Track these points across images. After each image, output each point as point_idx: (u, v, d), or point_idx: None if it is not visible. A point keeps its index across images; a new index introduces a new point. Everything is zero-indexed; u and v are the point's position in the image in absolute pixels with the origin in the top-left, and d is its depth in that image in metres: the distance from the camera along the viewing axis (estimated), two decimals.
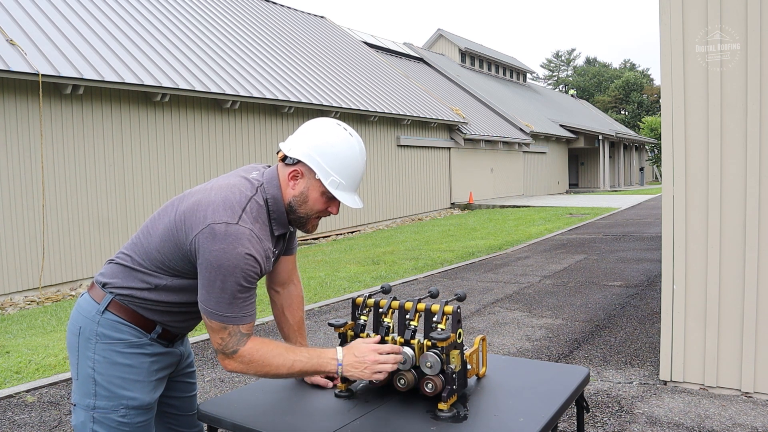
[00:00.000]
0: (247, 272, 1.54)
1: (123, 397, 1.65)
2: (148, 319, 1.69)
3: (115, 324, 1.67)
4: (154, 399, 1.72)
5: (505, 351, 4.54)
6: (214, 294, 1.54)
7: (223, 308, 1.54)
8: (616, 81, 64.61)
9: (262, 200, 1.64)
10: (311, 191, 1.64)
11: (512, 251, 9.73)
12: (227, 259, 1.51)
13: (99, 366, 1.65)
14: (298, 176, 1.64)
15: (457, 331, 1.63)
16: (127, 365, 1.66)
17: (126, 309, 1.68)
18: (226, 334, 1.56)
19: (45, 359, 4.62)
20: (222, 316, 1.55)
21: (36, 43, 8.34)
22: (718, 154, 3.44)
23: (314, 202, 1.66)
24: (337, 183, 1.63)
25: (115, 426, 1.65)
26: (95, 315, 1.68)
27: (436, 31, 30.27)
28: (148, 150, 9.44)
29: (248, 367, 1.58)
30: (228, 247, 1.52)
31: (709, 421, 3.18)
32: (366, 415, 1.59)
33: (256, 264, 1.56)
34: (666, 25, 3.54)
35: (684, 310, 3.61)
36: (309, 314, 5.92)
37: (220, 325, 1.56)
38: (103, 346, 1.66)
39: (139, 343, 1.69)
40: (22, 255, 7.77)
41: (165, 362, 1.77)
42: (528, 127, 23.78)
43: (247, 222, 1.57)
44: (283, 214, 1.68)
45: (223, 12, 14.72)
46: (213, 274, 1.53)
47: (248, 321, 1.58)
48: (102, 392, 1.65)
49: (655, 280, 6.85)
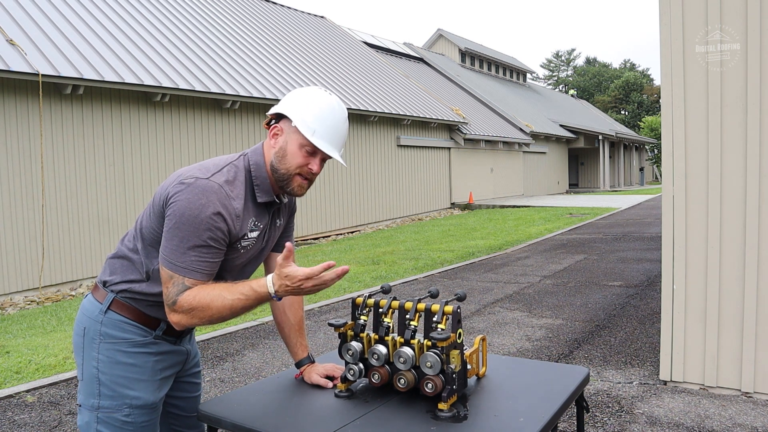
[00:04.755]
0: (210, 226, 1.52)
1: (127, 397, 1.65)
2: (150, 317, 1.69)
3: (118, 323, 1.67)
4: (159, 398, 1.71)
5: (505, 351, 4.54)
6: (172, 242, 1.53)
7: (175, 256, 1.52)
8: (616, 81, 64.60)
9: (243, 166, 1.66)
10: (290, 144, 1.65)
11: (512, 251, 9.73)
12: (190, 209, 1.51)
13: (103, 366, 1.65)
14: (279, 133, 1.67)
15: (457, 331, 1.63)
16: (131, 364, 1.66)
17: (128, 307, 1.68)
18: (171, 284, 1.53)
19: (45, 359, 4.62)
20: (171, 264, 1.53)
21: (36, 43, 8.34)
22: (718, 153, 3.44)
23: (293, 155, 1.64)
24: (313, 129, 1.63)
25: (119, 426, 1.65)
26: (98, 315, 1.68)
27: (436, 31, 30.27)
28: (148, 150, 9.44)
29: (192, 316, 1.53)
30: (193, 197, 1.52)
31: (709, 421, 3.18)
32: (366, 415, 1.59)
33: (220, 220, 1.54)
34: (666, 25, 3.54)
35: (684, 310, 3.61)
36: (309, 314, 5.92)
37: (167, 273, 1.54)
38: (107, 346, 1.66)
39: (144, 341, 1.68)
40: (22, 255, 7.77)
41: (170, 361, 1.76)
42: (528, 127, 23.78)
43: (218, 179, 1.57)
44: (267, 180, 1.67)
45: (223, 12, 14.72)
46: (175, 222, 1.52)
47: (197, 277, 1.54)
48: (106, 392, 1.64)
49: (655, 280, 6.85)
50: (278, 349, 4.80)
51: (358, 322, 1.78)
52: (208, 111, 10.48)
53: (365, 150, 14.77)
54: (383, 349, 1.70)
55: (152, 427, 1.72)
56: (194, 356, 1.92)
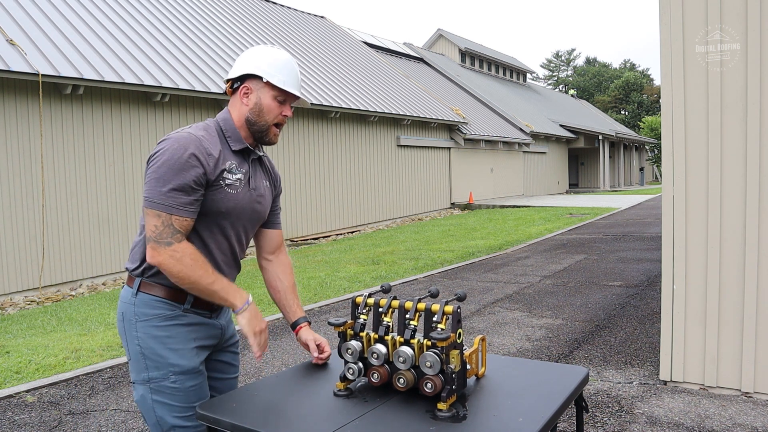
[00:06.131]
0: (187, 166, 1.69)
1: (169, 365, 1.79)
2: (176, 290, 1.80)
3: (149, 302, 1.81)
4: (197, 363, 1.83)
5: (505, 351, 4.54)
6: (151, 183, 1.70)
7: (156, 195, 1.69)
8: (616, 81, 64.59)
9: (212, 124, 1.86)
10: (263, 98, 1.84)
11: (512, 251, 9.73)
12: (165, 153, 1.70)
13: (143, 342, 1.79)
14: (249, 92, 1.85)
15: (457, 331, 1.63)
16: (166, 336, 1.80)
17: (155, 286, 1.81)
18: (159, 222, 1.69)
19: (45, 359, 4.62)
20: (154, 203, 1.69)
21: (36, 43, 8.34)
22: (718, 154, 3.44)
23: (268, 109, 1.85)
24: (283, 80, 1.84)
25: (169, 392, 1.79)
26: (131, 298, 1.83)
27: (436, 31, 30.27)
28: (148, 150, 9.44)
29: (175, 264, 1.69)
30: (169, 145, 1.71)
31: (709, 421, 3.18)
32: (365, 415, 1.59)
33: (194, 160, 1.70)
34: (666, 25, 3.53)
35: (684, 310, 3.61)
36: (309, 314, 5.92)
37: (153, 212, 1.69)
38: (143, 324, 1.80)
39: (174, 315, 1.82)
40: (22, 255, 7.77)
41: (203, 333, 1.88)
42: (528, 127, 23.78)
43: (189, 129, 1.77)
44: (237, 132, 1.86)
45: (223, 12, 14.72)
46: (154, 167, 1.70)
47: (180, 214, 1.70)
48: (151, 364, 1.79)
49: (655, 280, 6.85)
50: (278, 349, 4.80)
51: (357, 321, 1.78)
52: (208, 111, 10.48)
53: (365, 150, 14.77)
54: (383, 349, 1.70)
55: (199, 390, 1.83)
56: (231, 335, 2.02)
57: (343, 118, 13.96)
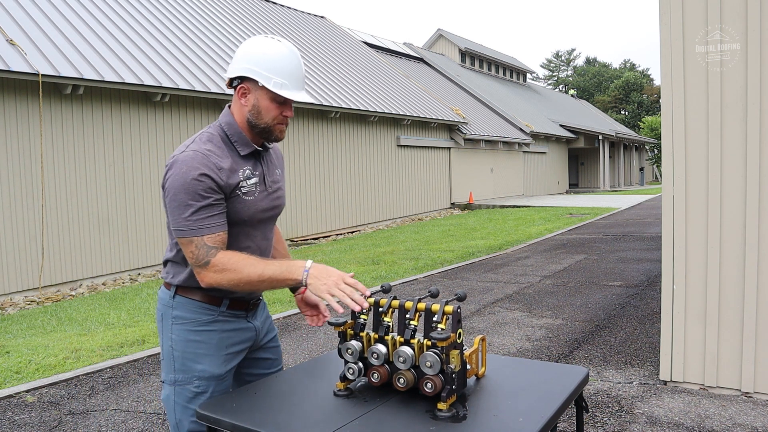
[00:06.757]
0: (198, 187, 1.67)
1: (195, 370, 1.81)
2: (212, 294, 1.83)
3: (186, 305, 1.84)
4: (225, 371, 1.86)
5: (505, 351, 4.54)
6: (174, 213, 1.70)
7: (182, 223, 1.69)
8: (616, 81, 64.58)
9: (216, 131, 1.81)
10: (261, 100, 1.77)
11: (512, 251, 9.73)
12: (176, 180, 1.68)
13: (176, 344, 1.83)
14: (246, 92, 1.78)
15: (457, 331, 1.63)
16: (198, 341, 1.82)
17: (192, 290, 1.83)
18: (193, 247, 1.69)
19: (45, 359, 4.62)
20: (183, 231, 1.69)
21: (36, 43, 8.34)
22: (718, 154, 3.44)
23: (267, 110, 1.78)
24: (280, 83, 1.76)
25: (192, 396, 1.81)
26: (169, 300, 1.86)
27: (436, 31, 30.27)
28: (148, 150, 9.44)
29: (222, 276, 1.69)
30: (176, 171, 1.69)
31: (709, 421, 3.18)
32: (365, 415, 1.59)
33: (205, 178, 1.68)
34: (666, 25, 3.53)
35: (684, 310, 3.61)
36: None
37: (185, 239, 1.70)
38: (178, 327, 1.83)
39: (209, 320, 1.84)
40: (22, 255, 7.77)
41: (237, 338, 1.89)
42: (528, 127, 23.78)
43: (193, 147, 1.73)
44: (242, 134, 1.81)
45: (223, 12, 14.72)
46: (170, 196, 1.70)
47: (210, 232, 1.70)
48: (179, 366, 1.82)
49: (655, 280, 6.85)
50: None
51: (357, 321, 1.78)
52: (208, 111, 10.48)
53: (365, 150, 14.77)
54: (383, 349, 1.70)
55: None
56: (266, 332, 2.03)
57: (343, 118, 13.96)
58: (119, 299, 7.32)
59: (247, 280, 1.69)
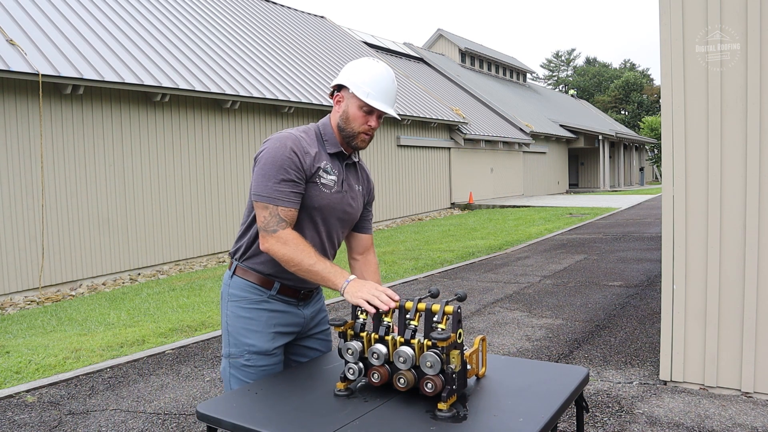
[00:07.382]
0: (289, 162, 1.89)
1: (245, 344, 2.00)
2: (266, 276, 2.02)
3: (241, 285, 2.04)
4: (273, 347, 2.02)
5: (505, 351, 4.54)
6: (259, 180, 1.91)
7: (263, 189, 1.90)
8: (616, 81, 64.57)
9: (313, 128, 2.06)
10: (350, 108, 2.00)
11: (512, 251, 9.73)
12: (269, 153, 1.91)
13: (230, 320, 2.04)
14: (341, 100, 2.02)
15: (457, 331, 1.63)
16: (248, 318, 2.02)
17: (248, 271, 2.04)
18: (267, 213, 1.89)
19: (45, 359, 4.61)
20: (262, 196, 1.90)
21: (36, 43, 8.34)
22: (718, 154, 3.44)
23: (354, 117, 1.99)
24: (367, 92, 1.97)
25: (243, 368, 2.01)
26: (228, 279, 2.08)
27: (436, 31, 30.26)
28: (148, 150, 9.44)
29: (280, 248, 1.87)
30: (271, 144, 1.93)
31: (709, 421, 3.18)
32: (366, 415, 1.59)
33: (294, 156, 1.90)
34: (666, 25, 3.53)
35: (684, 310, 3.61)
36: None
37: (261, 204, 1.90)
38: (233, 304, 2.04)
39: (259, 299, 2.03)
40: (22, 255, 7.77)
41: (284, 320, 2.06)
42: (528, 127, 23.78)
43: (290, 130, 1.98)
44: (333, 136, 2.04)
45: (223, 12, 14.72)
46: (260, 165, 1.92)
47: (285, 205, 1.89)
48: (232, 341, 2.03)
49: (655, 280, 6.85)
50: None
51: (358, 321, 1.78)
52: (208, 111, 10.48)
53: (365, 150, 14.76)
54: (383, 349, 1.70)
55: (271, 372, 2.02)
56: (317, 324, 2.19)
57: None
58: (119, 299, 7.32)
59: (298, 263, 1.86)
